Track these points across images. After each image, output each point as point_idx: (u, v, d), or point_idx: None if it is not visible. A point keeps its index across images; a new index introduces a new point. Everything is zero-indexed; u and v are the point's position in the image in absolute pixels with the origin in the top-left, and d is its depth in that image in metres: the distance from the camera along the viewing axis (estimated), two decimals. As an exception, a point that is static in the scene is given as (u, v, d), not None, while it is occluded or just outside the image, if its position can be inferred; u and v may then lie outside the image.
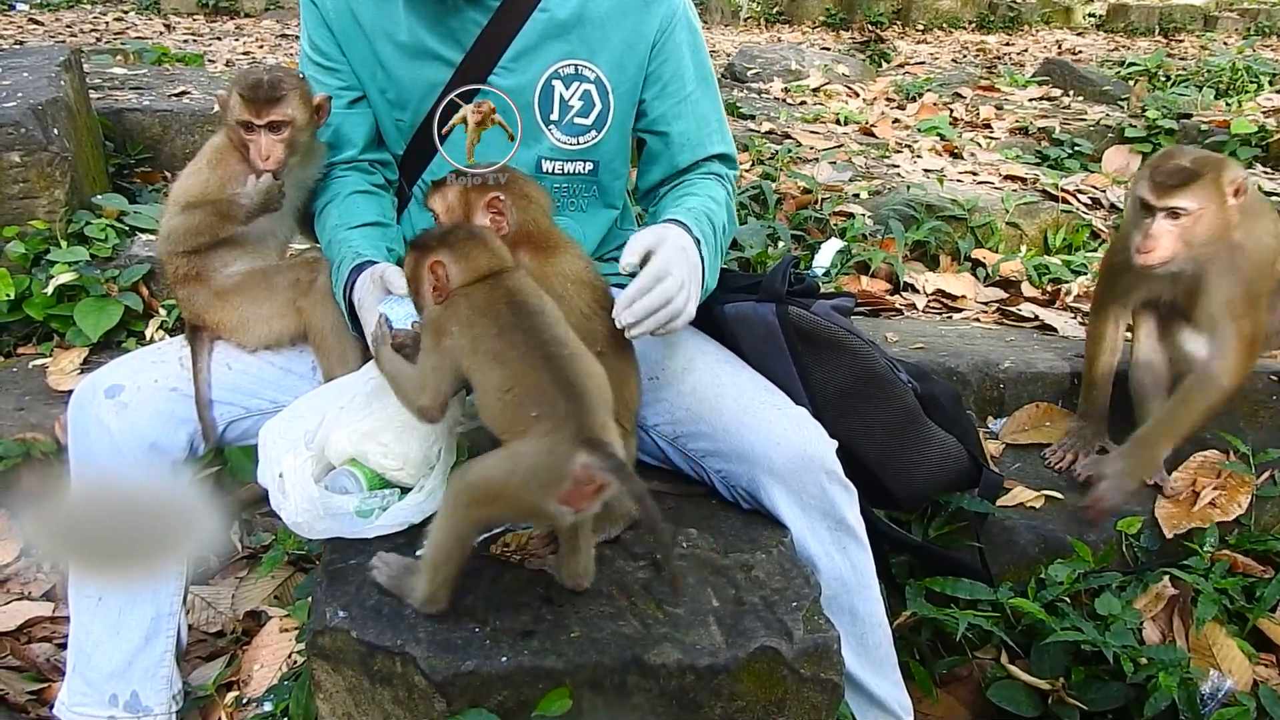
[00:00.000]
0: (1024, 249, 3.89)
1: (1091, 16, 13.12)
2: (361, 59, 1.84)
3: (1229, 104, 5.94)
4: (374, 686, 1.38)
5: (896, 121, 5.66)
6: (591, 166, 1.86)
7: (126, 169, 4.00)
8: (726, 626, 1.42)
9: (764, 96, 6.37)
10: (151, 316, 3.03)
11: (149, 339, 2.95)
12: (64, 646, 1.96)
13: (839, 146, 4.90)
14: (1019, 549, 2.09)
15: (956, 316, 3.26)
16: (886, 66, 8.72)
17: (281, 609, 2.23)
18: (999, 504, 2.13)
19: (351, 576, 1.49)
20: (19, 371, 2.86)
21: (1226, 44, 10.42)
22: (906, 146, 5.07)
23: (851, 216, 3.85)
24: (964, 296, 3.42)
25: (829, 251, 3.44)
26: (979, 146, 5.15)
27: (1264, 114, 5.49)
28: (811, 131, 5.21)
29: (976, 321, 3.18)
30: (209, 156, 1.84)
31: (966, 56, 9.79)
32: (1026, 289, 3.49)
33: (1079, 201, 4.18)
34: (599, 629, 1.40)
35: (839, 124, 5.54)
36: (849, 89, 6.67)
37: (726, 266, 1.81)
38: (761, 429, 1.64)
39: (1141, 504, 2.19)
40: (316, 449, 1.60)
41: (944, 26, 12.09)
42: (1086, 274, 3.50)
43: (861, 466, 1.81)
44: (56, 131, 3.14)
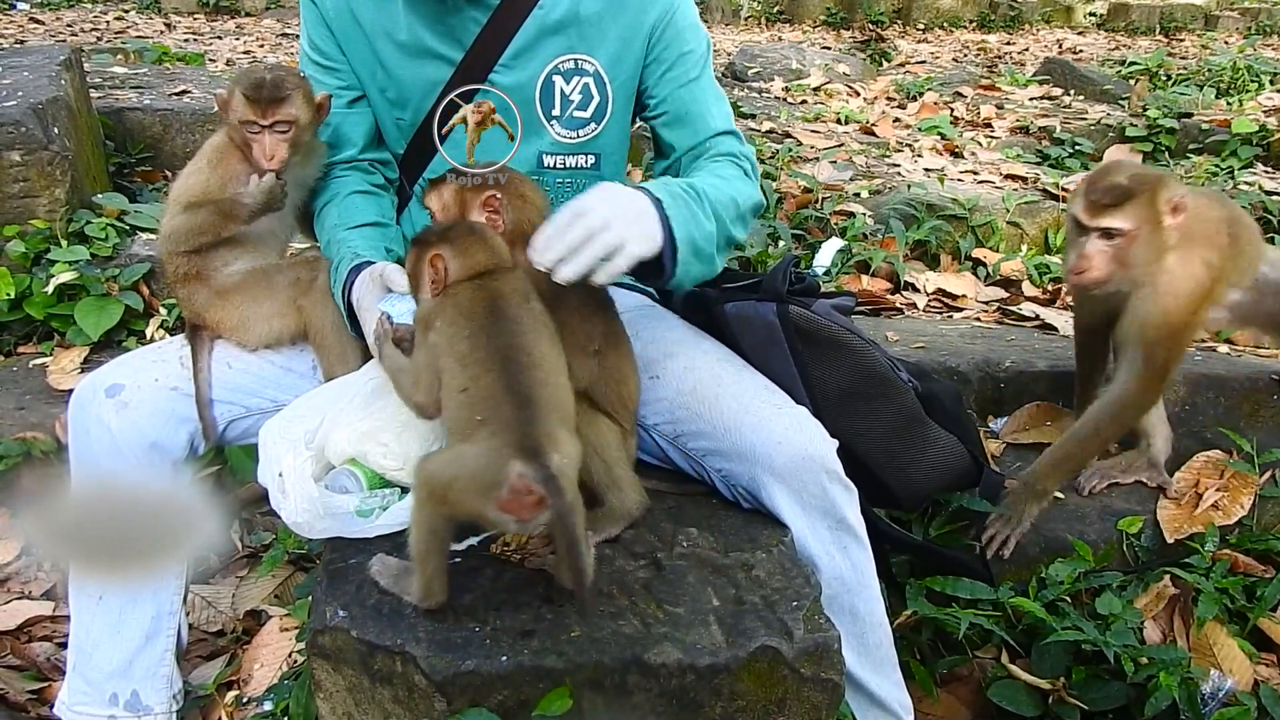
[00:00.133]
0: (1025, 248, 3.89)
1: (1092, 16, 13.11)
2: (361, 58, 1.84)
3: (1230, 103, 5.94)
4: (374, 686, 1.38)
5: (897, 121, 5.66)
6: (593, 160, 1.86)
7: (127, 168, 4.00)
8: (727, 626, 1.42)
9: (765, 96, 6.38)
10: (152, 315, 3.03)
11: (149, 338, 2.95)
12: (64, 645, 1.96)
13: (839, 146, 4.90)
14: (1019, 548, 2.09)
15: (957, 316, 3.26)
16: (887, 66, 8.72)
17: (282, 608, 2.23)
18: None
19: (352, 576, 1.49)
20: (19, 371, 2.86)
21: (1227, 43, 10.43)
22: (907, 146, 5.07)
23: (852, 216, 3.85)
24: (965, 296, 3.42)
25: (830, 251, 3.43)
26: (980, 146, 5.15)
27: (1265, 113, 5.49)
28: (812, 131, 5.21)
29: (977, 321, 3.17)
30: (209, 156, 1.83)
31: (967, 56, 9.79)
32: (1027, 288, 3.49)
33: (1080, 201, 4.18)
34: (599, 628, 1.40)
35: (840, 123, 5.55)
36: (850, 88, 6.67)
37: (726, 266, 1.80)
38: (762, 428, 1.64)
39: (1143, 504, 2.19)
40: (317, 448, 1.60)
41: (945, 26, 12.08)
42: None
43: (862, 466, 1.81)
44: (57, 130, 3.14)
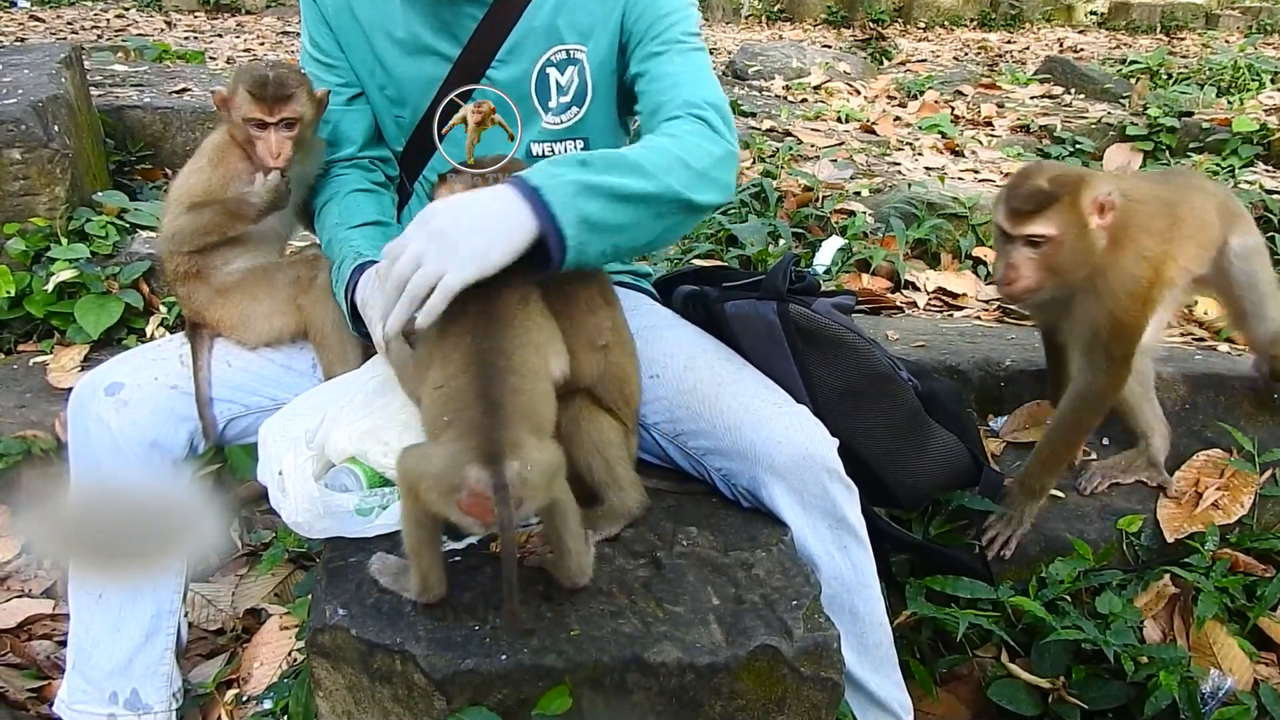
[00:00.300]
0: (1025, 247, 3.88)
1: (1093, 14, 13.11)
2: (360, 55, 1.83)
3: (1230, 102, 5.93)
4: (374, 684, 1.38)
5: (898, 119, 5.66)
6: (582, 145, 1.84)
7: (127, 166, 4.00)
8: (726, 625, 1.42)
9: (765, 94, 6.38)
10: (152, 314, 3.03)
11: (149, 336, 2.95)
12: (64, 644, 1.96)
13: (840, 144, 4.90)
14: (1019, 547, 2.08)
15: (957, 314, 3.26)
16: (888, 64, 8.72)
17: (281, 607, 2.23)
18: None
19: (351, 574, 1.49)
20: (19, 369, 2.86)
21: (1228, 42, 10.41)
22: (908, 144, 5.07)
23: (852, 214, 3.84)
24: (965, 295, 3.41)
25: (830, 249, 3.43)
26: (980, 144, 5.15)
27: (1265, 112, 5.48)
28: (813, 129, 5.21)
29: (978, 320, 3.17)
30: (210, 154, 1.83)
31: (968, 54, 9.78)
32: (1028, 287, 3.48)
33: (1080, 200, 4.18)
34: (599, 627, 1.39)
35: (840, 122, 5.54)
36: (850, 87, 6.67)
37: (727, 265, 1.79)
38: (762, 427, 1.63)
39: (1142, 503, 2.19)
40: (317, 447, 1.59)
41: (945, 24, 12.08)
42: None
43: (862, 465, 1.81)
44: (57, 128, 3.14)
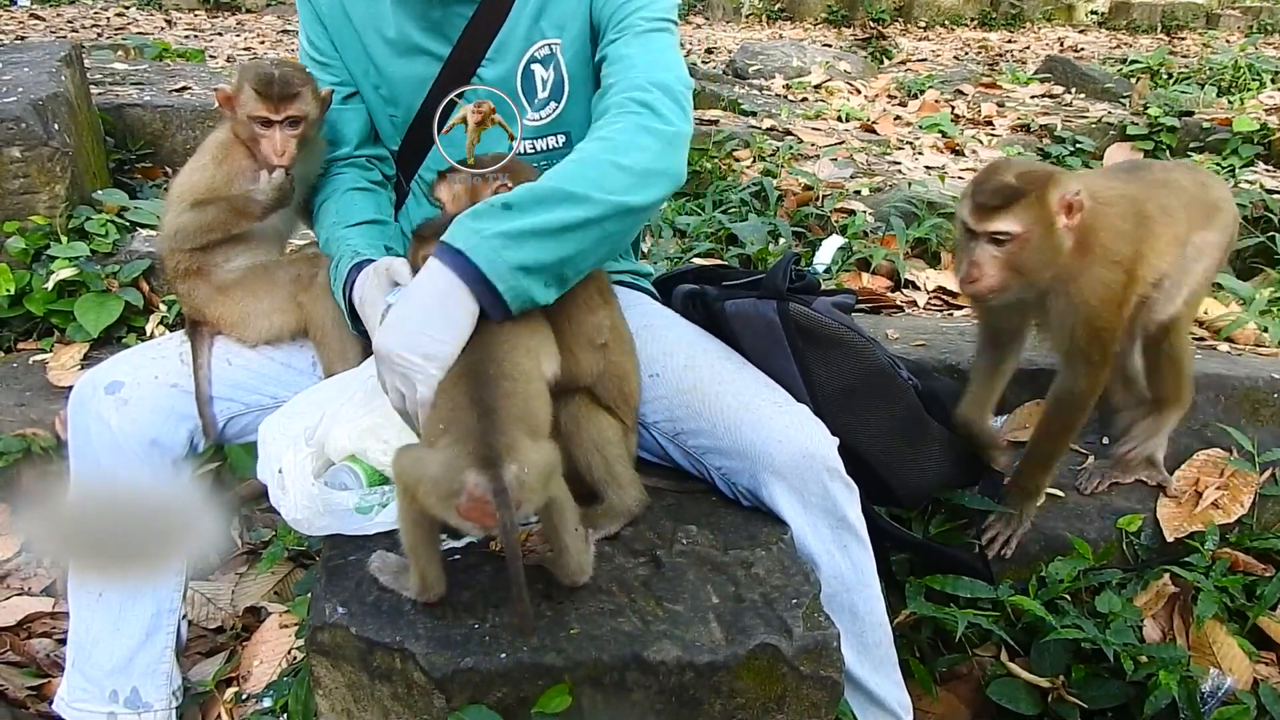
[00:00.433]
0: (1025, 247, 3.88)
1: (1094, 14, 13.11)
2: (353, 55, 1.83)
3: (1231, 102, 5.93)
4: (373, 683, 1.38)
5: (898, 118, 5.66)
6: (564, 139, 1.83)
7: (127, 164, 4.00)
8: (726, 623, 1.42)
9: (765, 93, 6.38)
10: (152, 312, 3.03)
11: (149, 335, 2.95)
12: (64, 642, 1.96)
13: (840, 143, 4.90)
14: (1019, 547, 2.08)
15: (958, 314, 3.25)
16: (888, 63, 8.73)
17: (281, 605, 2.23)
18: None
19: (351, 573, 1.49)
20: (19, 367, 2.86)
21: (1229, 42, 10.42)
22: (908, 143, 5.07)
23: (853, 213, 3.84)
24: (965, 294, 3.41)
25: (830, 248, 3.41)
26: (981, 144, 5.15)
27: (1266, 112, 5.48)
28: (813, 128, 5.21)
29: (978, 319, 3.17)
30: (213, 152, 1.83)
31: (968, 53, 9.79)
32: (1027, 287, 3.48)
33: (1080, 199, 4.18)
34: (598, 626, 1.40)
35: (840, 121, 5.54)
36: (850, 86, 6.67)
37: (727, 263, 1.79)
38: (762, 426, 1.63)
39: (1142, 503, 2.19)
40: (316, 445, 1.59)
41: (946, 23, 12.09)
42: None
43: (862, 464, 1.81)
44: (57, 127, 3.14)
